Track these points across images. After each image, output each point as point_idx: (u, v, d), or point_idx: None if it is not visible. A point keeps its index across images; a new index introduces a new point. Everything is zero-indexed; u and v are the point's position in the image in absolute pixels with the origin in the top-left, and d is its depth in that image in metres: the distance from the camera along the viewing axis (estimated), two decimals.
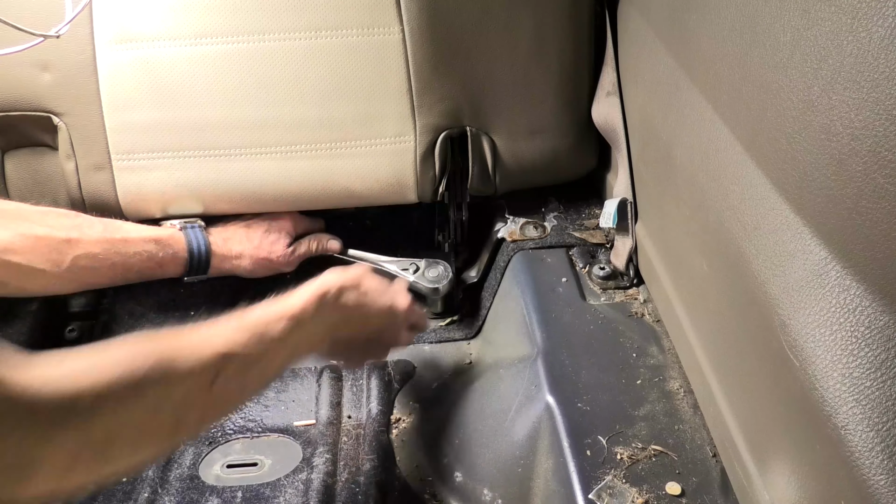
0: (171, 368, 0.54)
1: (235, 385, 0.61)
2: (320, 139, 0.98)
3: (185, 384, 0.56)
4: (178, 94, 0.96)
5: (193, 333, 0.60)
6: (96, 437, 0.50)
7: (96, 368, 0.51)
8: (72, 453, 0.49)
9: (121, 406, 0.51)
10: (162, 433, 0.56)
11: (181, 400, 0.56)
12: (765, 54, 0.55)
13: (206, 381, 0.57)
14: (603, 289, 0.93)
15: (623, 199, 0.92)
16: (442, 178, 1.01)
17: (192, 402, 0.57)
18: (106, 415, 0.50)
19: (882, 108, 0.41)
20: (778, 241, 0.55)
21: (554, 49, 0.99)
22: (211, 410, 0.61)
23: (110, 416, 0.50)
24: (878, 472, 0.44)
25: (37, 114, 0.97)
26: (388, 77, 0.97)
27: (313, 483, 0.81)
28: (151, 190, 0.98)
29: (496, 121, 1.01)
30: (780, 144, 0.53)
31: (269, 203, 1.01)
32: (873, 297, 0.44)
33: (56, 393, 0.47)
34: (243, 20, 0.95)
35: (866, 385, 0.45)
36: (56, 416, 0.47)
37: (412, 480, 0.83)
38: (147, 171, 0.97)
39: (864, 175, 0.43)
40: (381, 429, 0.88)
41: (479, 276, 1.06)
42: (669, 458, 0.72)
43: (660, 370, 0.81)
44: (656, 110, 0.81)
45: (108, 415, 0.50)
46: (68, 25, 0.83)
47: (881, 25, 0.41)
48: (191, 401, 0.57)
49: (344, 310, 0.76)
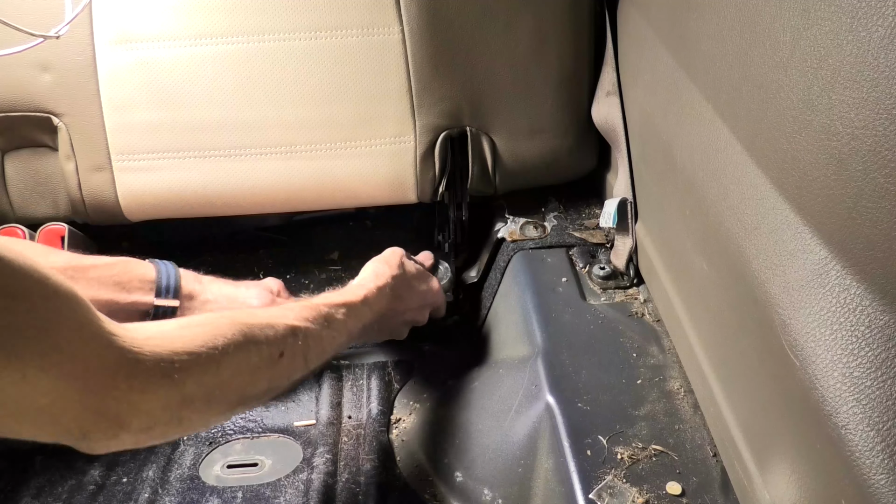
0: (250, 336, 0.59)
1: (300, 358, 0.66)
2: (320, 139, 0.98)
3: (260, 352, 0.61)
4: (178, 95, 0.96)
5: (269, 311, 0.67)
6: (182, 396, 0.54)
7: (188, 333, 0.55)
8: (158, 412, 0.52)
9: (208, 368, 0.55)
10: (232, 399, 0.59)
11: (255, 367, 0.60)
12: (764, 54, 0.55)
13: (276, 352, 0.62)
14: (603, 289, 0.93)
15: (623, 199, 0.92)
16: (442, 178, 1.01)
17: (263, 371, 0.62)
18: (194, 374, 0.54)
19: (882, 108, 0.41)
20: (778, 240, 0.55)
21: (554, 49, 0.99)
22: (276, 380, 0.65)
23: (198, 375, 0.54)
24: (879, 471, 0.44)
25: (37, 114, 0.97)
26: (388, 77, 0.97)
27: (314, 483, 0.81)
28: (151, 190, 0.98)
29: (496, 121, 1.01)
30: (780, 144, 0.53)
31: (269, 203, 1.01)
32: (874, 297, 0.44)
33: (157, 349, 0.51)
34: (243, 21, 0.95)
35: (867, 384, 0.45)
36: (156, 370, 0.51)
37: (412, 480, 0.83)
38: (147, 172, 0.98)
39: (865, 174, 0.43)
40: (381, 429, 0.88)
41: (479, 276, 1.06)
42: (670, 457, 0.72)
43: (660, 370, 0.81)
44: (656, 110, 0.81)
45: (197, 374, 0.54)
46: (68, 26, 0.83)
47: (881, 25, 0.41)
48: (262, 369, 0.62)
49: (393, 295, 0.85)
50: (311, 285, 1.11)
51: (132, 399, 0.50)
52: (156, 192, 0.98)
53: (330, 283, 1.11)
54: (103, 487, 0.82)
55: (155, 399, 0.51)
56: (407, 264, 0.91)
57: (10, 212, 1.01)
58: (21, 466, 0.85)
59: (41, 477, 0.83)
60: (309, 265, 1.14)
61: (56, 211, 1.01)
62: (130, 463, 0.85)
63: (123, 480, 0.83)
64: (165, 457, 0.85)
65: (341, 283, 1.10)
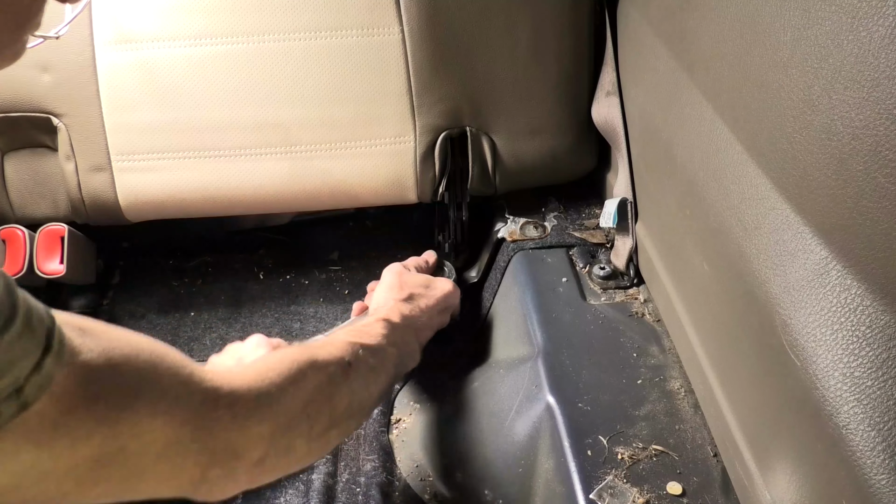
0: (316, 358, 0.61)
1: (366, 369, 0.68)
2: (320, 139, 0.98)
3: (329, 369, 0.62)
4: (178, 95, 0.96)
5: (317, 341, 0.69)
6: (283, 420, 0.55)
7: (262, 365, 0.57)
8: (264, 441, 0.53)
9: (293, 392, 0.57)
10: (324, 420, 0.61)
11: (331, 382, 0.62)
12: (765, 54, 0.55)
13: (343, 366, 0.64)
14: (603, 289, 0.93)
15: (623, 199, 0.92)
16: (442, 178, 1.01)
17: (340, 387, 0.64)
18: (285, 400, 0.55)
19: (883, 108, 0.41)
20: (778, 240, 0.55)
21: (554, 49, 0.99)
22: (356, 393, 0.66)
23: (289, 400, 0.56)
24: (880, 471, 0.44)
25: (36, 115, 0.97)
26: (388, 77, 0.96)
27: (314, 483, 0.81)
28: (151, 191, 0.98)
29: (496, 121, 1.01)
30: (780, 144, 0.53)
31: (269, 204, 1.01)
32: (874, 297, 0.44)
33: (245, 381, 0.53)
34: (243, 21, 0.95)
35: (867, 384, 0.45)
36: (253, 398, 0.53)
37: (412, 480, 0.83)
38: (147, 172, 0.97)
39: (865, 174, 0.43)
40: (381, 429, 0.88)
41: (479, 276, 1.06)
42: (670, 457, 0.72)
43: (660, 370, 0.81)
44: (656, 110, 0.81)
45: (288, 399, 0.56)
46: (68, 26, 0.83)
47: (882, 25, 0.41)
48: (338, 384, 0.64)
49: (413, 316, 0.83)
50: (311, 285, 1.11)
51: (240, 426, 0.51)
52: (156, 192, 0.98)
53: (330, 283, 1.11)
54: None
55: (260, 425, 0.53)
56: (414, 286, 0.87)
57: (9, 212, 1.01)
58: None
59: None
60: (309, 265, 1.14)
61: (56, 211, 1.01)
62: None
63: None
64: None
65: (341, 284, 1.11)
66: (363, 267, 1.13)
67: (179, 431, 0.47)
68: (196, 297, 1.08)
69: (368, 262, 1.13)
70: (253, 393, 0.53)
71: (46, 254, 0.97)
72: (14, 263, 0.95)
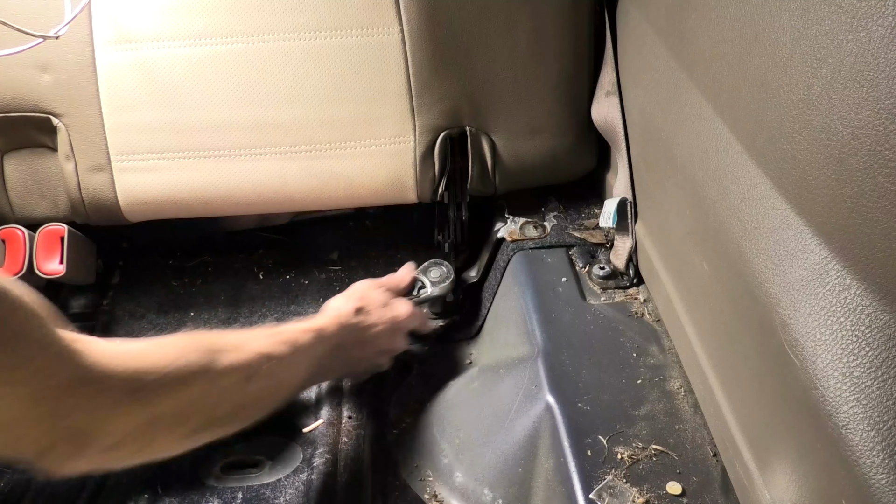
0: (217, 361, 0.60)
1: (267, 385, 0.67)
2: (320, 139, 0.98)
3: (228, 377, 0.61)
4: (178, 95, 0.96)
5: (235, 335, 0.66)
6: (149, 415, 0.54)
7: (157, 353, 0.56)
8: (124, 430, 0.52)
9: (176, 388, 0.56)
10: (200, 421, 0.60)
11: (222, 389, 0.61)
12: (765, 54, 0.55)
13: (244, 377, 0.63)
14: (603, 288, 0.93)
15: (623, 199, 0.92)
16: (441, 178, 1.01)
17: (230, 396, 0.62)
18: (161, 394, 0.55)
19: (882, 107, 0.41)
20: (778, 240, 0.55)
21: (553, 49, 0.99)
22: (244, 409, 0.65)
23: (165, 395, 0.55)
24: (879, 471, 0.44)
25: (36, 115, 0.97)
26: (388, 77, 0.96)
27: (314, 483, 0.81)
28: (151, 191, 0.98)
29: (496, 121, 1.01)
30: (779, 144, 0.53)
31: (269, 204, 1.01)
32: (874, 297, 0.44)
33: (124, 368, 0.52)
34: (242, 21, 0.95)
35: (867, 384, 0.45)
36: (125, 390, 0.52)
37: (412, 480, 0.83)
38: (147, 172, 0.97)
39: (865, 174, 0.43)
40: (381, 429, 0.88)
41: (479, 275, 1.06)
42: (670, 457, 0.72)
43: (660, 370, 0.81)
44: (656, 110, 0.81)
45: (164, 394, 0.55)
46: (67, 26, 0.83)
47: (881, 24, 0.41)
48: (230, 392, 0.62)
49: (356, 328, 0.83)
50: (310, 285, 1.11)
51: (98, 416, 0.50)
52: (155, 192, 0.98)
53: (330, 283, 1.11)
54: (103, 488, 0.82)
55: (121, 417, 0.51)
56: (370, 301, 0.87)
57: (9, 212, 1.01)
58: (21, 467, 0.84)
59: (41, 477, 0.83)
60: (309, 265, 1.14)
61: (56, 211, 1.01)
62: None
63: (124, 481, 0.83)
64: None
65: (341, 284, 1.11)
66: (363, 267, 1.13)
67: (31, 407, 0.46)
68: (196, 297, 1.08)
69: (368, 262, 1.14)
70: (131, 384, 0.52)
71: (46, 254, 0.97)
72: (14, 263, 0.95)
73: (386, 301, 0.89)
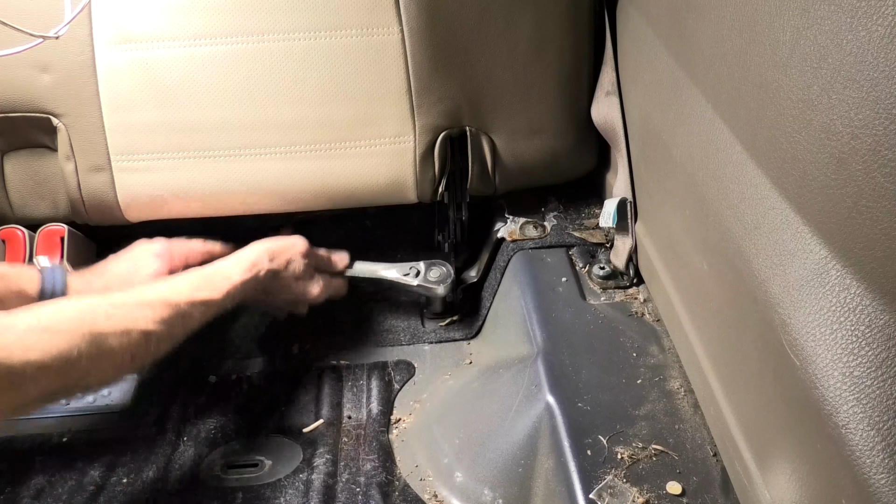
0: (104, 346, 0.64)
1: (147, 358, 0.71)
2: (320, 139, 0.98)
3: (112, 360, 0.66)
4: (178, 95, 0.96)
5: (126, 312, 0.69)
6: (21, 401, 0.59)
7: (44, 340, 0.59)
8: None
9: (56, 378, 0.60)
10: (67, 396, 0.65)
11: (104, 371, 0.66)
12: (764, 53, 0.55)
13: (127, 358, 0.67)
14: (603, 288, 0.93)
15: (623, 199, 0.92)
16: (441, 178, 1.01)
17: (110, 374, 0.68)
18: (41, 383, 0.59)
19: (882, 107, 0.41)
20: (778, 240, 0.55)
21: (554, 49, 0.99)
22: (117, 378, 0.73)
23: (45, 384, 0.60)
24: (879, 470, 0.44)
25: (36, 115, 0.97)
26: (388, 77, 0.96)
27: (314, 483, 0.81)
28: (151, 191, 0.98)
29: (496, 121, 1.01)
30: (779, 143, 0.53)
31: (269, 204, 1.01)
32: (873, 296, 0.44)
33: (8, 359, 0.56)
34: (242, 21, 0.95)
35: (867, 384, 0.45)
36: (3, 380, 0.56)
37: (412, 480, 0.83)
38: (147, 172, 0.97)
39: (865, 174, 0.43)
40: (381, 429, 0.88)
41: (479, 275, 1.06)
42: (670, 457, 0.72)
43: (660, 369, 0.81)
44: (656, 110, 0.81)
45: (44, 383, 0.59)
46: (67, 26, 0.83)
47: (881, 24, 0.41)
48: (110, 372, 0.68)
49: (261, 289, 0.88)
50: None
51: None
52: (155, 192, 0.98)
53: None
54: (103, 488, 0.82)
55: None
56: (292, 264, 0.92)
57: (9, 212, 1.01)
58: (21, 466, 0.84)
59: (41, 477, 0.83)
60: None
61: (56, 211, 1.01)
62: (131, 463, 0.85)
63: (123, 481, 0.83)
64: (165, 457, 0.85)
65: None
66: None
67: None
68: None
69: None
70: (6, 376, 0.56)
71: (46, 254, 0.97)
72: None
73: (302, 275, 0.93)
